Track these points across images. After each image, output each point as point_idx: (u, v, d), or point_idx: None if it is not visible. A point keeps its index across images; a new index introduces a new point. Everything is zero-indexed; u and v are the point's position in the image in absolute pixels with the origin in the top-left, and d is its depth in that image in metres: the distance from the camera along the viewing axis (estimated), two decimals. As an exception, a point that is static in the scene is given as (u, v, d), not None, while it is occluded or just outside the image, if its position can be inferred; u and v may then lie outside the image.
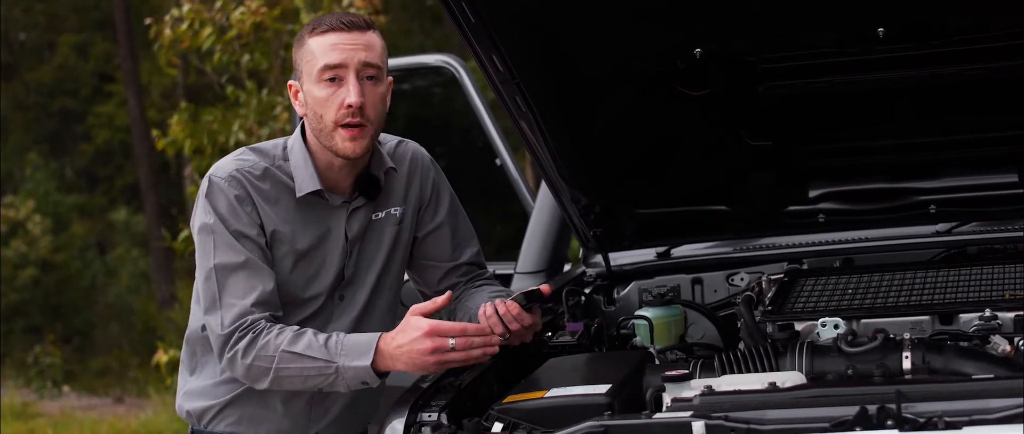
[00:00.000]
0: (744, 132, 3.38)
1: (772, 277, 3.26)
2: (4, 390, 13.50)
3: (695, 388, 2.50)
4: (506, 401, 2.67)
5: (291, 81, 2.98)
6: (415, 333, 2.75)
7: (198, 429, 3.08)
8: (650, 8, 2.98)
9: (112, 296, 18.55)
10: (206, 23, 8.49)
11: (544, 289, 2.93)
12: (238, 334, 2.85)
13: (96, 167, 21.29)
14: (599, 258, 3.59)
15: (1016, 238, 3.30)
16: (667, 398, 2.52)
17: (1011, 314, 2.77)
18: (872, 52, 3.05)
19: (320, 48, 2.87)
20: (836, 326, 2.82)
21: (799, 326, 2.87)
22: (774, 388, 2.45)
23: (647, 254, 3.59)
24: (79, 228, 19.62)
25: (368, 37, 2.89)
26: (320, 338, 2.82)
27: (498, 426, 2.60)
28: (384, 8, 9.20)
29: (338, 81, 2.86)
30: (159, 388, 11.83)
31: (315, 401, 3.02)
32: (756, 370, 2.70)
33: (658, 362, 2.98)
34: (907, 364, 2.58)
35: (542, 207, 4.15)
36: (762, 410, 2.32)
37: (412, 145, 3.14)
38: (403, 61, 5.02)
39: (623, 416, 2.45)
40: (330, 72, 2.86)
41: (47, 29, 21.40)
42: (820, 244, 3.47)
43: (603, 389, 2.62)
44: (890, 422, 2.18)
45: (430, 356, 2.75)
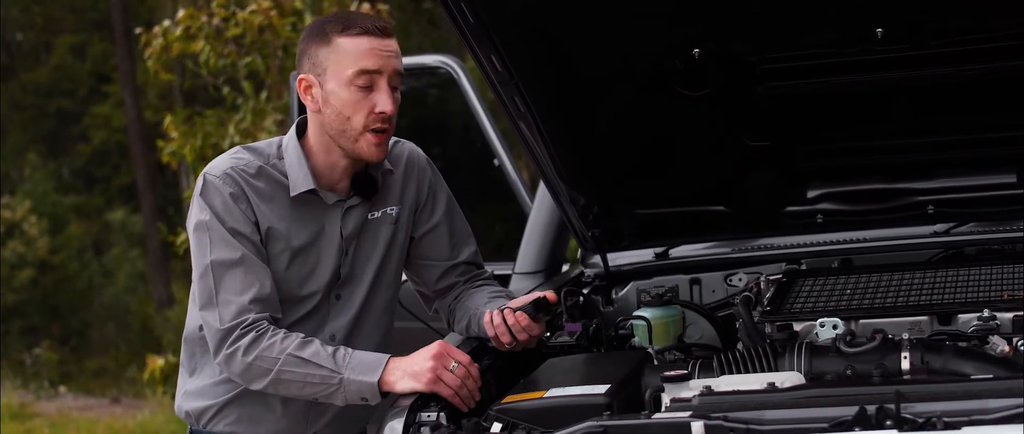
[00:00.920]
0: (743, 132, 3.38)
1: (770, 277, 3.26)
2: (1, 391, 13.49)
3: (694, 388, 2.50)
4: (505, 401, 2.67)
5: (302, 75, 2.93)
6: (430, 349, 2.80)
7: (197, 429, 3.08)
8: (649, 8, 2.98)
9: (109, 296, 18.56)
10: (203, 27, 8.43)
11: (550, 297, 2.94)
12: (240, 331, 2.85)
13: (93, 168, 21.29)
14: (597, 258, 3.58)
15: (1014, 238, 3.30)
16: (666, 398, 2.52)
17: (1009, 314, 2.77)
18: (871, 52, 3.05)
19: (356, 50, 2.86)
20: (835, 326, 2.82)
21: (798, 326, 2.87)
22: (773, 388, 2.44)
23: (645, 254, 3.58)
24: (76, 229, 19.62)
25: (395, 44, 2.92)
26: (328, 349, 2.83)
27: (497, 426, 2.60)
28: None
29: (371, 87, 2.87)
30: (155, 389, 11.82)
31: (314, 402, 3.02)
32: (755, 370, 2.70)
33: (657, 362, 2.98)
34: (906, 364, 2.59)
35: (540, 207, 4.14)
36: (761, 410, 2.32)
37: (408, 145, 3.14)
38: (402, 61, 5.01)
39: (622, 416, 2.44)
40: (365, 78, 2.86)
41: (44, 30, 21.42)
42: (818, 244, 3.47)
43: (602, 389, 2.62)
44: (889, 422, 2.18)
45: (429, 362, 2.77)
